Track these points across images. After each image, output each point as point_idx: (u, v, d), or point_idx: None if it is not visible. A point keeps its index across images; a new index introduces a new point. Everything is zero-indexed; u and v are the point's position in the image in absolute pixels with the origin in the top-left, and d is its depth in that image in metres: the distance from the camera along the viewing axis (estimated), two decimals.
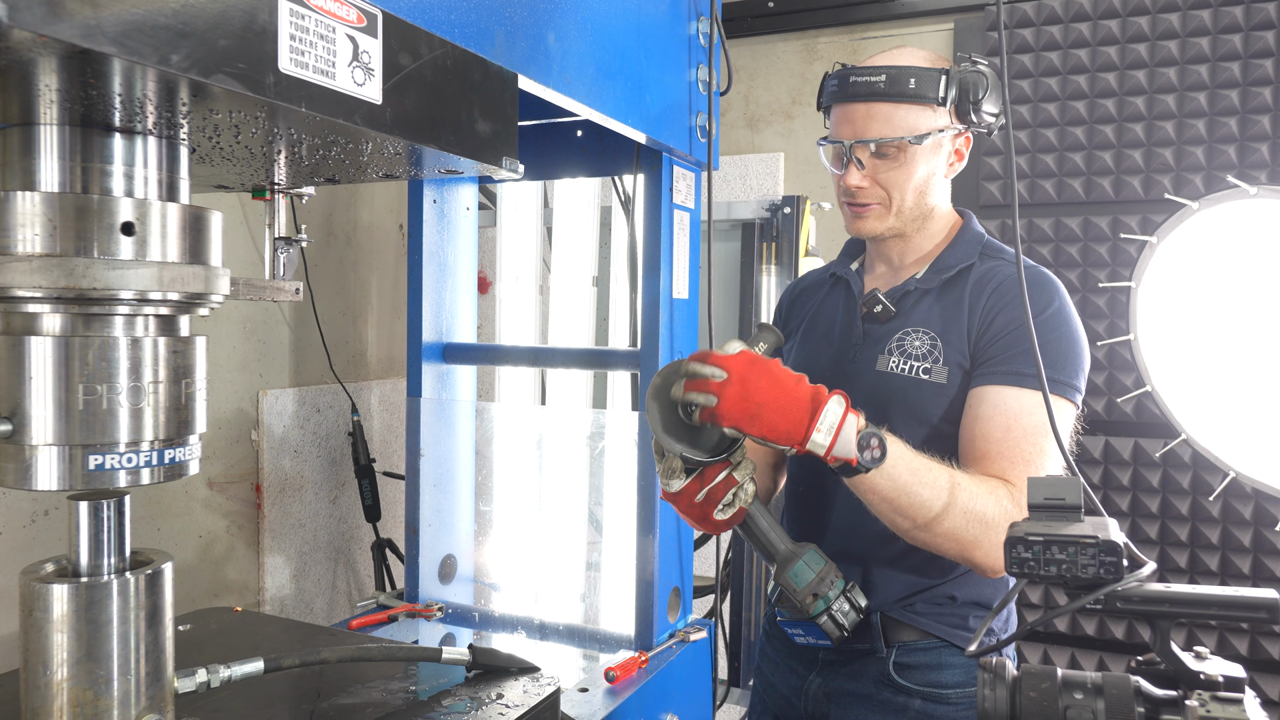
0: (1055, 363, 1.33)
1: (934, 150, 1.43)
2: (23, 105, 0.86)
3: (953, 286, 1.46)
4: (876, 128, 1.41)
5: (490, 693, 1.27)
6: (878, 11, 2.96)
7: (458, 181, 2.12)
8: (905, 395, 1.41)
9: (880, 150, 1.41)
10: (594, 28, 1.48)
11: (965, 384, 1.40)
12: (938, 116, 1.40)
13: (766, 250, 2.68)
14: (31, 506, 1.83)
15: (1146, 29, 2.58)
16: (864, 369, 1.47)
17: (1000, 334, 1.37)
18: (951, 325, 1.42)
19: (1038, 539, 0.81)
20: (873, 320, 1.50)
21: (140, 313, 0.94)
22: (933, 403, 1.40)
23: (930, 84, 1.38)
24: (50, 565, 0.99)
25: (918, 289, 1.47)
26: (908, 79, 1.38)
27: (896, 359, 1.43)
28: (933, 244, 1.52)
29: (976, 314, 1.41)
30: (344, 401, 2.53)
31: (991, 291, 1.41)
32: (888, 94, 1.38)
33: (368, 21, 0.94)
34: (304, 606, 2.45)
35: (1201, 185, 2.52)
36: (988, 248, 1.50)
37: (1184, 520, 2.55)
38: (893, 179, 1.43)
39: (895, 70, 1.38)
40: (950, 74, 1.38)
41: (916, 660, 1.43)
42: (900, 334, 1.45)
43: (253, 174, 1.24)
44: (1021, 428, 1.31)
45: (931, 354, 1.41)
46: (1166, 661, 0.79)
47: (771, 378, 1.19)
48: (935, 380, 1.40)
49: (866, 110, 1.41)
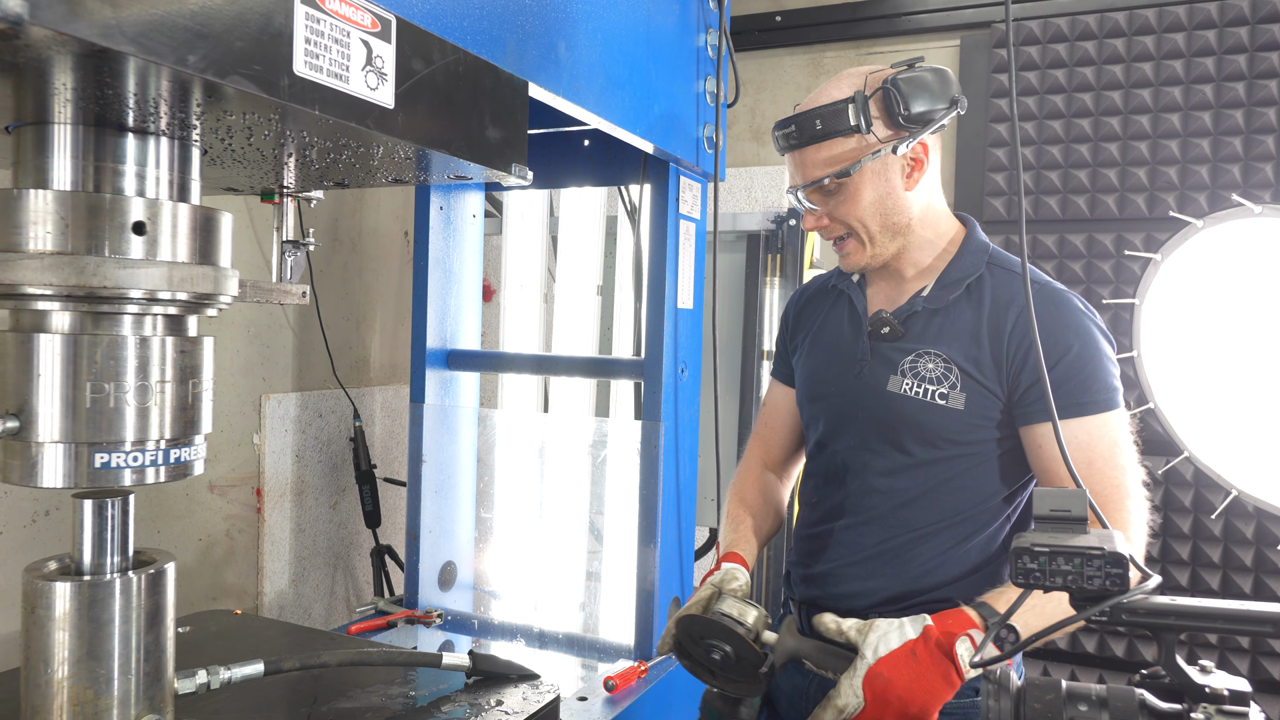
0: (1096, 382, 1.35)
1: (878, 172, 1.42)
2: (38, 104, 0.86)
3: (964, 305, 1.44)
4: (809, 171, 1.44)
5: (490, 699, 1.26)
6: (884, 27, 2.97)
7: (464, 188, 2.13)
8: (919, 419, 1.42)
9: (824, 188, 1.44)
10: (604, 37, 1.49)
11: (985, 405, 1.39)
12: (865, 141, 1.40)
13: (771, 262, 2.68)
14: (33, 506, 1.83)
15: (1152, 48, 2.60)
16: (873, 388, 1.47)
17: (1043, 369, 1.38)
18: (967, 347, 1.41)
19: (1044, 550, 0.81)
20: (880, 339, 1.49)
21: (149, 312, 0.95)
22: (948, 426, 1.41)
23: (839, 117, 1.39)
24: (53, 563, 0.99)
25: (925, 309, 1.46)
26: (813, 122, 1.40)
27: (910, 381, 1.43)
28: (933, 255, 1.50)
29: (1004, 340, 1.39)
30: (346, 407, 2.53)
31: (1018, 317, 1.40)
32: (801, 142, 1.42)
33: (382, 26, 0.95)
34: (303, 611, 2.45)
35: (1206, 204, 2.53)
36: (994, 258, 1.48)
37: (1185, 538, 2.54)
38: (845, 211, 1.45)
39: (803, 117, 1.41)
40: (859, 98, 1.38)
41: None
42: (913, 356, 1.44)
43: (263, 177, 1.24)
44: (1100, 457, 1.33)
45: (947, 378, 1.41)
46: (1171, 674, 0.79)
47: (902, 684, 1.19)
48: (952, 406, 1.40)
49: (799, 158, 1.45)
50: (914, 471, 1.44)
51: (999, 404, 1.39)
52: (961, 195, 2.84)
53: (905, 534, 1.44)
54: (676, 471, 1.91)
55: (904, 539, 1.44)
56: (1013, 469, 1.42)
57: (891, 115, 1.38)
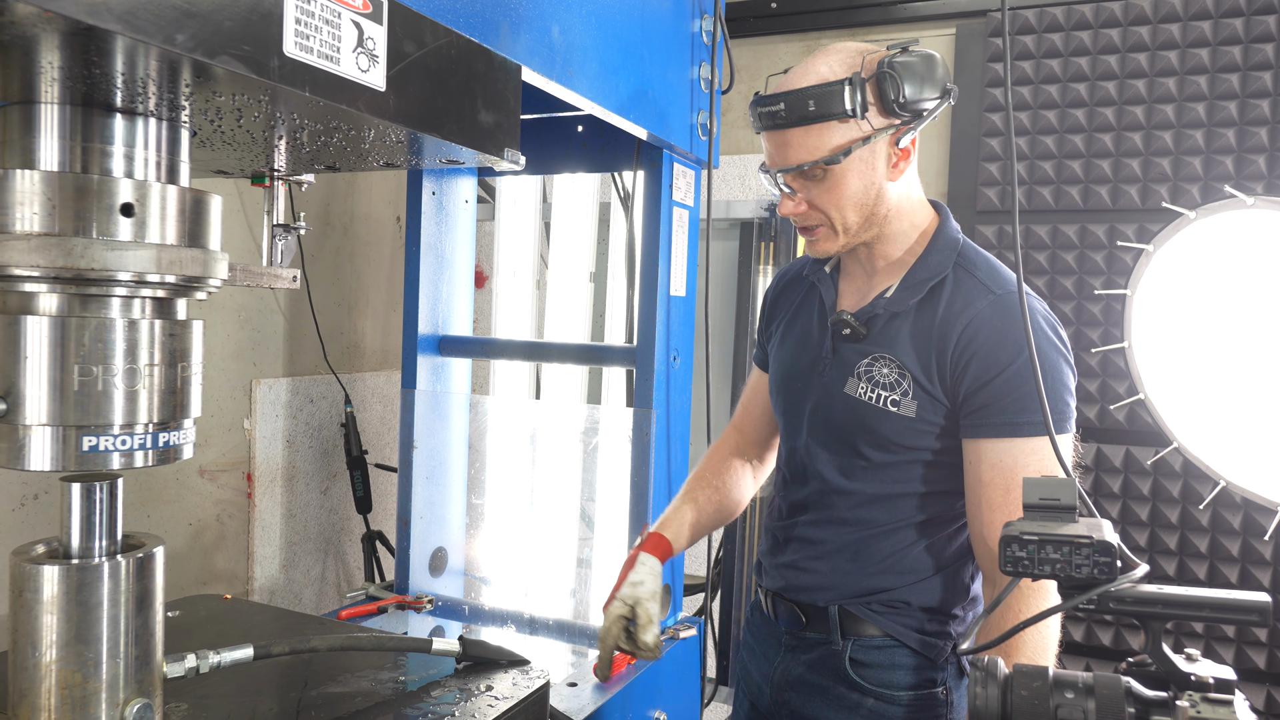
0: (1034, 402, 1.27)
1: (865, 161, 1.34)
2: (24, 83, 0.85)
3: (923, 311, 1.39)
4: (793, 154, 1.34)
5: (479, 684, 1.26)
6: (880, 15, 2.96)
7: (457, 173, 2.12)
8: (871, 423, 1.40)
9: (806, 173, 1.35)
10: (598, 22, 1.48)
11: (934, 413, 1.37)
12: (857, 127, 1.31)
13: (764, 250, 2.68)
14: (21, 490, 1.82)
15: (1147, 39, 2.59)
16: (832, 389, 1.45)
17: (981, 380, 1.32)
18: (919, 356, 1.37)
19: (1033, 538, 0.81)
20: (841, 339, 1.46)
21: (138, 295, 0.94)
22: (899, 433, 1.39)
23: (834, 99, 1.29)
24: (41, 546, 0.98)
25: (886, 311, 1.41)
26: (806, 102, 1.29)
27: (865, 385, 1.41)
28: (904, 248, 1.44)
29: (948, 353, 1.35)
30: (337, 392, 2.53)
31: (962, 330, 1.34)
32: (789, 122, 1.31)
33: (373, 8, 0.94)
34: (293, 596, 2.45)
35: (1198, 195, 2.53)
36: (962, 256, 1.41)
37: (1173, 528, 2.56)
38: (827, 200, 1.36)
39: (793, 95, 1.30)
40: (856, 80, 1.29)
41: (871, 659, 1.43)
42: (869, 360, 1.41)
43: (253, 160, 1.23)
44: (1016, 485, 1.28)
45: (900, 385, 1.38)
46: (1157, 662, 0.79)
47: None
48: (903, 413, 1.37)
49: (782, 138, 1.35)
50: (869, 473, 1.43)
51: (945, 411, 1.37)
52: (955, 185, 2.84)
53: (863, 532, 1.44)
54: (668, 459, 1.91)
55: (862, 536, 1.44)
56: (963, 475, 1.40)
57: (886, 102, 1.31)
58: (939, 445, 1.39)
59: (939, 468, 1.41)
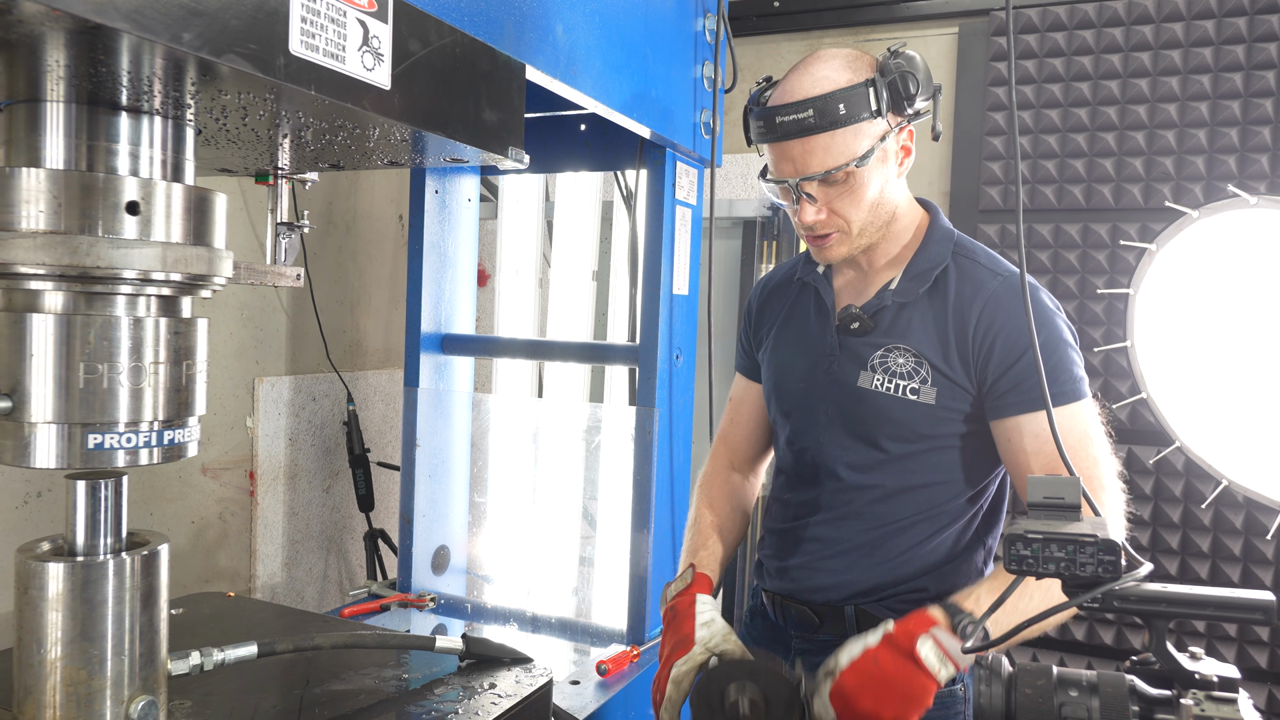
0: (1062, 373, 1.33)
1: (882, 160, 1.36)
2: (30, 81, 0.85)
3: (932, 297, 1.42)
4: (818, 161, 1.33)
5: (483, 682, 1.27)
6: (883, 14, 2.96)
7: (460, 172, 2.12)
8: (893, 414, 1.41)
9: (827, 179, 1.35)
10: (602, 21, 1.48)
11: (954, 398, 1.38)
12: (876, 126, 1.33)
13: (767, 249, 2.68)
14: (24, 488, 1.82)
15: (1150, 38, 2.59)
16: (843, 384, 1.45)
17: (1008, 361, 1.35)
18: (936, 341, 1.39)
19: (1037, 536, 0.81)
20: (849, 334, 1.46)
21: (143, 293, 0.94)
22: (920, 421, 1.40)
23: (860, 101, 1.31)
24: (46, 544, 0.98)
25: (894, 303, 1.43)
26: (836, 105, 1.30)
27: (881, 377, 1.41)
28: (900, 245, 1.47)
29: (968, 336, 1.37)
30: (340, 391, 2.53)
31: (980, 312, 1.37)
32: (820, 127, 1.31)
33: (379, 6, 0.94)
34: (295, 595, 2.45)
35: (1201, 194, 2.53)
36: (959, 246, 1.45)
37: (1175, 528, 2.56)
38: (848, 205, 1.37)
39: (821, 101, 1.31)
40: (876, 81, 1.32)
41: None
42: (882, 351, 1.42)
43: (257, 158, 1.23)
44: (1069, 449, 1.28)
45: (918, 373, 1.39)
46: (1161, 661, 0.79)
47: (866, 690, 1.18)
48: (924, 401, 1.38)
49: (803, 146, 1.34)
50: (888, 466, 1.43)
51: (969, 397, 1.38)
52: (958, 184, 2.84)
53: (881, 527, 1.44)
54: (670, 457, 1.91)
55: (880, 532, 1.44)
56: (983, 461, 1.42)
57: (899, 101, 1.33)
58: (957, 431, 1.40)
59: (956, 456, 1.41)
